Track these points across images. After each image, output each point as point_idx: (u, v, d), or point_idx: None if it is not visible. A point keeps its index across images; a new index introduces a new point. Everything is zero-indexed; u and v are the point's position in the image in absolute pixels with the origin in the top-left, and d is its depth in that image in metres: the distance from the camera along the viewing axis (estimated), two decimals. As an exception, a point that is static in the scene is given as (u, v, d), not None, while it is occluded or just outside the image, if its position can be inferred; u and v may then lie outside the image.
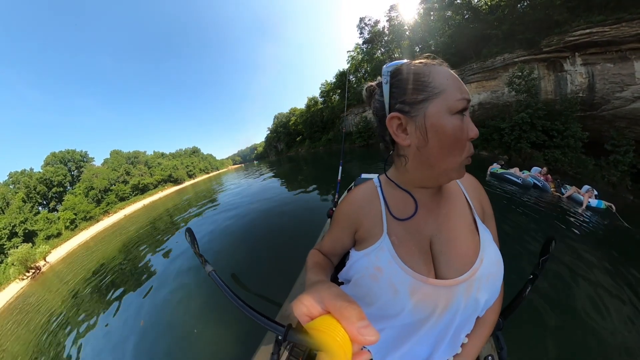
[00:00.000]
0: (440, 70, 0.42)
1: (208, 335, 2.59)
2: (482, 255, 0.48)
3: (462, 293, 0.46)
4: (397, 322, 0.48)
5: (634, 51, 9.39)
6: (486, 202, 0.60)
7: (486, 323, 0.57)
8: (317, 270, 0.56)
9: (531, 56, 12.25)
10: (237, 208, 7.60)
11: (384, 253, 0.49)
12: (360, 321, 0.23)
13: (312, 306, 0.26)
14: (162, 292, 3.80)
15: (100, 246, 12.87)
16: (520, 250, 3.19)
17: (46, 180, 34.03)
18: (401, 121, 0.44)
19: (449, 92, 0.40)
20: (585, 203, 5.33)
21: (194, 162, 63.57)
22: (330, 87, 40.42)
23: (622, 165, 8.84)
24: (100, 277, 6.30)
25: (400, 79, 0.43)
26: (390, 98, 0.45)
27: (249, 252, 4.16)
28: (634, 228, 4.25)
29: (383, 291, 0.47)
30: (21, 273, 17.57)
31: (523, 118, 10.97)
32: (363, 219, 0.56)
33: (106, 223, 28.27)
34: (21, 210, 28.64)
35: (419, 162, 0.46)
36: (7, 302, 13.80)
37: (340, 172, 2.06)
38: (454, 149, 0.41)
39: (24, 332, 5.92)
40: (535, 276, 0.83)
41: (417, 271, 0.46)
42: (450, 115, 0.40)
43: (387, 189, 0.56)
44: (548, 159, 10.45)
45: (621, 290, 2.44)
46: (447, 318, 0.47)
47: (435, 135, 0.41)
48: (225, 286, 0.92)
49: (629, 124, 10.10)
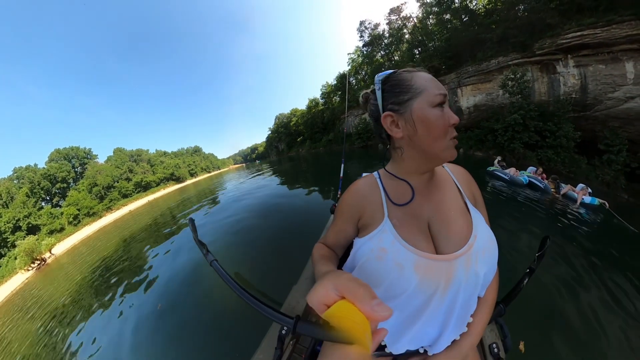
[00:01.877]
0: (420, 75, 0.52)
1: (209, 328, 2.59)
2: (476, 232, 0.53)
3: (462, 266, 0.49)
4: (405, 302, 0.50)
5: (625, 52, 9.49)
6: (477, 190, 0.66)
7: (487, 301, 0.61)
8: (324, 262, 0.59)
9: (525, 59, 12.43)
10: (240, 205, 7.63)
11: (387, 235, 0.53)
12: (373, 300, 0.25)
13: (327, 294, 0.28)
14: (169, 282, 3.88)
15: (113, 234, 13.10)
16: (518, 245, 3.27)
17: (50, 176, 34.61)
18: (393, 118, 0.52)
19: (428, 91, 0.50)
20: (579, 200, 5.49)
21: (195, 161, 64.24)
22: (331, 89, 40.80)
23: (615, 164, 8.89)
24: (112, 266, 6.46)
25: (389, 84, 0.53)
26: (383, 100, 0.54)
27: (252, 248, 4.19)
28: (627, 223, 4.37)
29: (389, 270, 0.49)
30: (27, 264, 17.90)
31: (515, 119, 11.19)
32: (365, 206, 0.60)
33: (109, 219, 28.68)
34: (25, 205, 29.19)
35: (413, 148, 0.54)
36: (15, 289, 14.23)
37: (343, 170, 2.10)
38: (439, 134, 0.49)
39: (39, 315, 6.07)
40: (531, 270, 0.89)
41: (419, 248, 0.50)
42: (432, 107, 0.49)
43: (385, 180, 0.62)
44: (541, 159, 10.59)
45: (615, 283, 2.53)
46: (451, 294, 0.50)
47: (421, 124, 0.49)
48: (227, 276, 0.90)
49: (622, 124, 10.14)
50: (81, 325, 3.93)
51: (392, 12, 25.17)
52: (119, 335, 3.05)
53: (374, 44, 28.83)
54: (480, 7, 16.90)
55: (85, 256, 10.86)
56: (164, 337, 2.70)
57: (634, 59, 9.32)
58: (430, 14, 20.11)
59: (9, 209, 27.82)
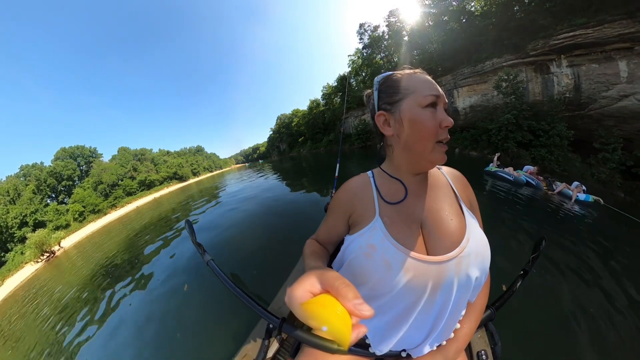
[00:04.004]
0: (414, 76, 0.53)
1: (204, 321, 2.70)
2: (469, 235, 0.52)
3: (452, 269, 0.48)
4: (392, 302, 0.50)
5: (619, 51, 9.49)
6: (472, 195, 0.65)
7: (476, 306, 0.60)
8: (314, 258, 0.60)
9: (518, 60, 12.56)
10: (238, 204, 7.73)
11: (376, 232, 0.52)
12: (356, 299, 0.26)
13: (313, 285, 0.29)
14: (170, 277, 3.96)
15: (118, 231, 13.30)
16: (513, 244, 3.28)
17: (56, 173, 35.37)
18: (386, 117, 0.55)
19: (418, 92, 0.50)
20: (574, 197, 5.61)
21: (198, 161, 64.94)
22: (331, 90, 41.14)
23: (610, 163, 8.89)
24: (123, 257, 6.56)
25: (385, 85, 0.56)
26: (378, 100, 0.56)
27: (247, 246, 4.26)
28: (626, 213, 4.44)
29: (376, 268, 0.48)
30: (37, 256, 18.39)
31: (508, 119, 11.35)
32: (357, 204, 0.60)
33: (114, 216, 29.22)
34: (32, 202, 29.93)
35: (401, 146, 0.55)
36: (25, 280, 14.73)
37: (338, 170, 2.12)
38: (426, 134, 0.49)
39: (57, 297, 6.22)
40: (525, 272, 0.87)
41: (409, 248, 0.49)
42: (421, 108, 0.49)
43: (379, 179, 0.63)
44: (535, 157, 10.66)
45: (610, 280, 2.50)
46: (440, 298, 0.49)
47: (409, 124, 0.50)
48: (223, 274, 0.94)
49: (617, 123, 10.11)
50: (82, 316, 4.04)
51: (392, 14, 25.42)
52: (123, 325, 3.18)
53: (374, 46, 29.08)
54: (477, 9, 17.04)
55: (90, 252, 11.13)
56: (166, 326, 2.86)
57: (627, 57, 9.33)
58: (429, 16, 20.28)
59: (16, 205, 28.54)
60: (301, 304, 0.27)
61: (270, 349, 0.98)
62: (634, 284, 2.43)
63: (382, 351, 0.56)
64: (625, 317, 2.04)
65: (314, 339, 0.31)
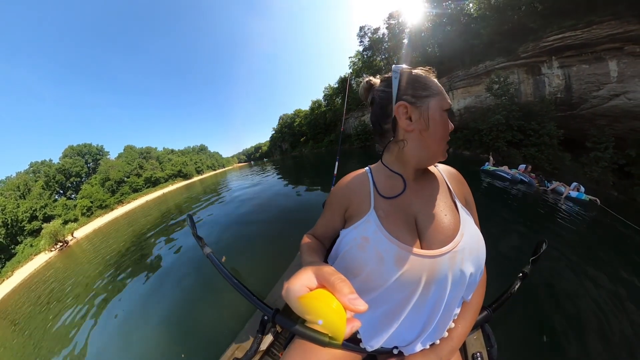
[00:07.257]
0: (434, 80, 0.55)
1: (204, 309, 2.87)
2: (463, 230, 0.52)
3: (446, 264, 0.48)
4: (384, 296, 0.50)
5: (608, 51, 9.58)
6: (468, 192, 0.65)
7: (472, 305, 0.60)
8: (311, 252, 0.60)
9: (510, 62, 12.82)
10: (239, 202, 7.95)
11: (370, 225, 0.53)
12: (350, 294, 0.27)
13: (309, 279, 0.30)
14: (172, 269, 4.22)
15: (123, 226, 13.76)
16: (510, 242, 3.30)
17: (64, 170, 36.46)
18: (407, 109, 0.52)
19: (442, 95, 0.53)
20: (565, 193, 5.84)
21: (201, 159, 66.05)
22: (333, 91, 41.60)
23: (602, 161, 9.02)
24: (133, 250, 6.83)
25: (409, 78, 0.53)
26: (398, 90, 0.53)
27: (246, 240, 4.40)
28: (621, 217, 4.48)
29: (369, 260, 0.49)
30: (50, 245, 19.24)
31: (498, 120, 11.67)
32: (353, 198, 0.60)
33: (120, 211, 30.11)
34: (41, 197, 31.00)
35: (419, 143, 0.53)
36: (40, 267, 15.68)
37: (337, 167, 2.18)
38: (442, 135, 0.52)
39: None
40: (524, 274, 0.85)
41: (402, 241, 0.49)
42: (442, 111, 0.52)
43: (376, 174, 0.63)
44: (525, 156, 10.86)
45: (608, 281, 2.50)
46: (434, 293, 0.49)
47: (434, 123, 0.51)
48: (221, 266, 0.96)
49: (609, 122, 10.12)
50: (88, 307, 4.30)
51: (391, 16, 25.72)
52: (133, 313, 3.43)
53: (374, 48, 29.42)
54: (473, 13, 17.31)
55: (100, 243, 11.65)
56: (168, 313, 3.06)
57: (617, 57, 9.42)
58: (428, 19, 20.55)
59: (26, 200, 29.59)
60: (298, 298, 0.28)
61: (264, 342, 1.00)
62: (633, 287, 2.41)
63: (373, 347, 0.56)
64: (621, 321, 2.01)
65: (309, 331, 0.32)
